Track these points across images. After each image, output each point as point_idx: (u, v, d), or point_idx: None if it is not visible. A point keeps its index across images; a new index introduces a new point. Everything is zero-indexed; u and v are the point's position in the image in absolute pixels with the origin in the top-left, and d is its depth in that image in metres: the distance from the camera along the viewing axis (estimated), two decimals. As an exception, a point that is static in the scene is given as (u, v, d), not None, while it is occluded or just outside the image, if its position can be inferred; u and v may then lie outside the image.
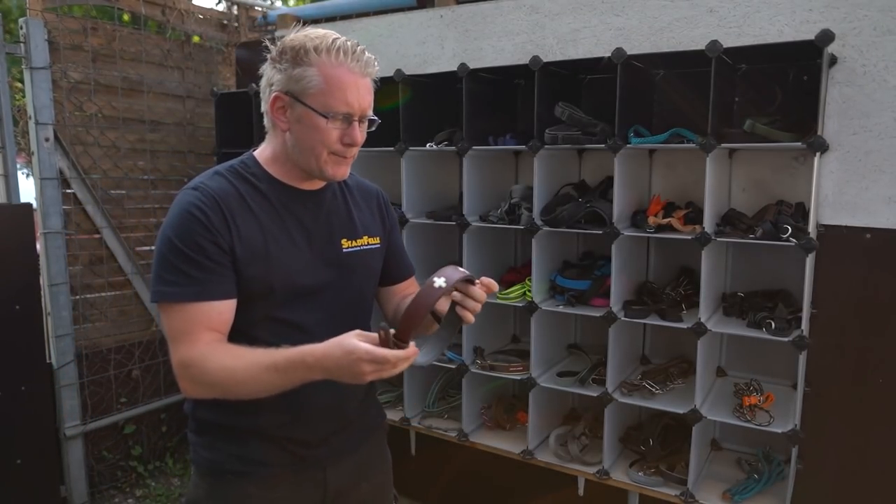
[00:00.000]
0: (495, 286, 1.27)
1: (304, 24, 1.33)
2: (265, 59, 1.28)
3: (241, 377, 1.18)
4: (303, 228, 1.33)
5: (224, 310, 1.23)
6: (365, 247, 1.41)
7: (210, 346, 1.21)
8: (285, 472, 1.35)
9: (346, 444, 1.41)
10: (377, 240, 1.44)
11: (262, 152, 1.35)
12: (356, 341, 1.11)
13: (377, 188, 1.55)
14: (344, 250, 1.37)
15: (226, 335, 1.25)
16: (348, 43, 1.24)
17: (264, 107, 1.29)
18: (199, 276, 1.20)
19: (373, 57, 1.27)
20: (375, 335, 1.12)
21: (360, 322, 1.38)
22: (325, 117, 1.22)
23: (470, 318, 1.26)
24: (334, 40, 1.22)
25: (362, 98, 1.25)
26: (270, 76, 1.26)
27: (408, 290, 1.56)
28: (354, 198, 1.45)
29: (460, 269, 1.20)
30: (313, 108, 1.22)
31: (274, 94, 1.25)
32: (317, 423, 1.34)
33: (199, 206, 1.22)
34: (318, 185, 1.37)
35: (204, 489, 1.36)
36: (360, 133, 1.27)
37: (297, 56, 1.22)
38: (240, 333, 1.26)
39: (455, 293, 1.24)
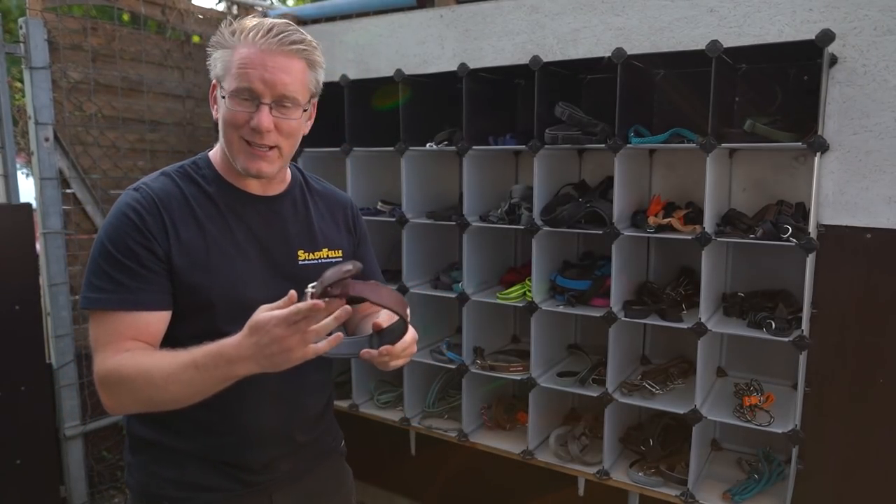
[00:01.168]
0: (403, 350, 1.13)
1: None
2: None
3: (159, 378, 1.06)
4: (253, 237, 1.23)
5: (153, 321, 1.14)
6: (324, 260, 1.31)
7: (126, 353, 1.10)
8: (227, 500, 1.25)
9: (294, 470, 1.32)
10: (339, 253, 1.34)
11: (214, 151, 1.27)
12: (262, 314, 1.00)
13: (348, 198, 1.46)
14: (300, 262, 1.27)
15: (155, 347, 1.15)
16: (270, 22, 1.15)
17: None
18: (129, 283, 1.12)
19: (303, 37, 1.17)
20: (281, 301, 1.00)
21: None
22: (225, 98, 1.14)
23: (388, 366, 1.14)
24: (256, 23, 1.15)
25: (270, 75, 1.12)
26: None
27: (373, 307, 1.42)
28: (318, 207, 1.36)
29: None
30: (222, 89, 1.15)
31: (212, 83, 1.20)
32: (262, 447, 1.25)
33: (135, 209, 1.15)
34: (273, 189, 1.28)
35: None
36: (268, 118, 1.14)
37: (218, 40, 1.17)
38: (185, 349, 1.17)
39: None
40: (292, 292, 1.00)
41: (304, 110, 1.21)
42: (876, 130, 1.86)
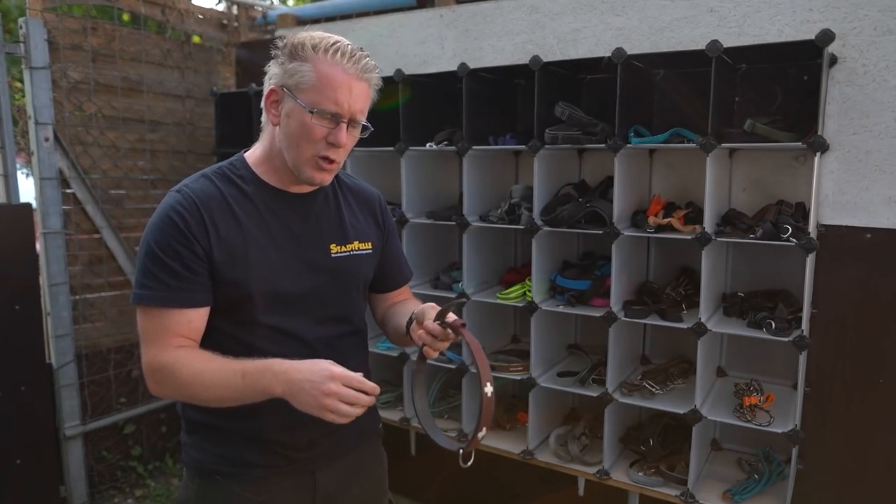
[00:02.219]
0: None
1: (303, 24, 1.34)
2: (271, 57, 1.27)
3: (209, 380, 1.19)
4: (289, 232, 1.31)
5: (194, 318, 1.24)
6: (355, 252, 1.39)
7: (180, 351, 1.22)
8: (273, 475, 1.35)
9: (335, 448, 1.40)
10: (369, 245, 1.43)
11: (252, 153, 1.35)
12: (330, 363, 1.15)
13: (377, 193, 1.53)
14: (332, 255, 1.35)
15: (197, 342, 1.26)
16: (349, 46, 1.23)
17: (262, 101, 1.29)
18: (172, 282, 1.21)
19: (374, 63, 1.26)
20: (352, 373, 1.16)
21: (348, 327, 1.40)
22: (312, 113, 1.20)
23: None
24: (335, 42, 1.22)
25: (353, 100, 1.22)
26: (271, 70, 1.27)
27: (400, 296, 1.56)
28: (349, 201, 1.44)
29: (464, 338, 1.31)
30: (302, 102, 1.21)
31: (270, 87, 1.25)
32: (304, 427, 1.31)
33: (178, 211, 1.23)
34: (307, 188, 1.35)
35: (193, 490, 1.37)
36: (346, 136, 1.24)
37: (295, 51, 1.22)
38: (228, 337, 1.27)
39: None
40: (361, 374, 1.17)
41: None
42: (876, 130, 1.86)
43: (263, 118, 1.31)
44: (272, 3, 3.69)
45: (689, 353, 2.18)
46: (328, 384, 1.12)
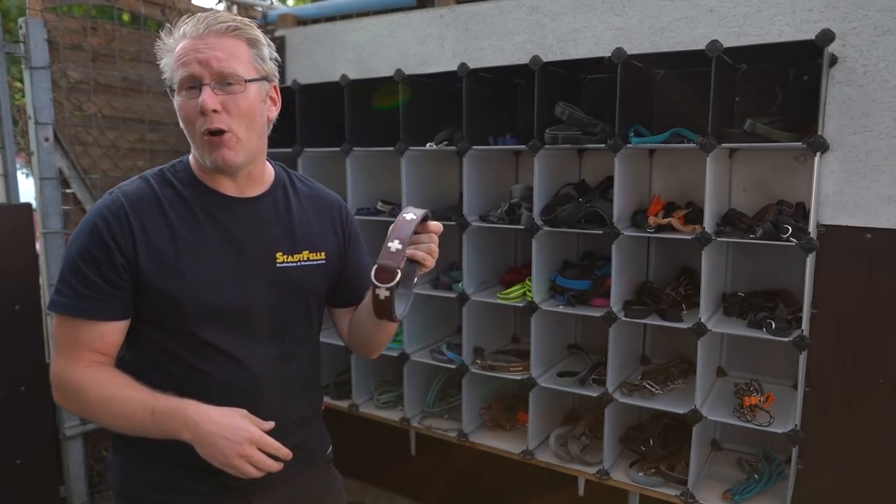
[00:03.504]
0: (440, 228, 1.23)
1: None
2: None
3: (116, 411, 1.13)
4: (228, 239, 1.21)
5: (107, 332, 1.16)
6: (304, 262, 1.28)
7: (91, 368, 1.15)
8: (204, 503, 1.25)
9: (274, 476, 1.22)
10: (321, 255, 1.31)
11: (193, 154, 1.25)
12: (248, 422, 1.11)
13: (338, 199, 1.42)
14: (278, 265, 1.25)
15: (112, 357, 1.19)
16: (203, 14, 1.15)
17: None
18: (86, 293, 1.14)
19: (232, 17, 1.15)
20: (264, 424, 1.13)
21: (293, 347, 1.29)
22: (172, 91, 1.14)
23: (431, 262, 1.20)
24: (190, 18, 1.15)
25: (203, 56, 1.11)
26: None
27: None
28: (303, 207, 1.32)
29: (417, 210, 1.18)
30: (168, 88, 1.16)
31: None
32: None
33: (104, 216, 1.15)
34: (251, 190, 1.25)
35: None
36: (211, 97, 1.11)
37: (161, 48, 1.18)
38: (164, 352, 1.20)
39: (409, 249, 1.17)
40: (270, 423, 1.13)
41: (255, 84, 1.17)
42: (876, 130, 1.86)
43: None
44: (272, 3, 3.69)
45: (690, 353, 2.18)
46: (244, 447, 1.08)
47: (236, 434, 1.08)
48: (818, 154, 1.83)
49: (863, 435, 1.97)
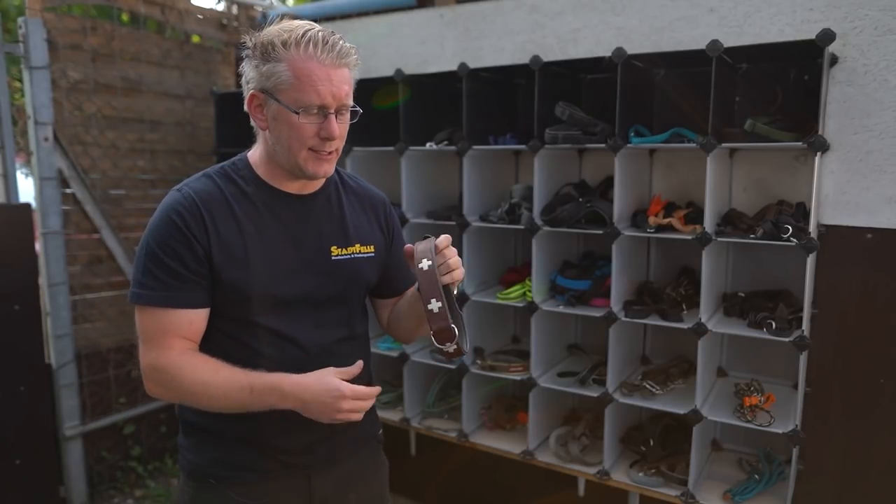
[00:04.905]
0: (449, 240, 1.27)
1: (286, 18, 1.31)
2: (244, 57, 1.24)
3: (215, 392, 1.19)
4: (288, 234, 1.29)
5: (195, 319, 1.23)
6: (356, 255, 1.36)
7: (184, 355, 1.21)
8: (268, 479, 1.33)
9: (333, 454, 1.38)
10: (371, 248, 1.40)
11: (253, 153, 1.33)
12: (338, 380, 1.18)
13: (383, 197, 1.51)
14: (333, 258, 1.33)
15: (197, 343, 1.25)
16: (319, 34, 1.19)
17: (246, 106, 1.26)
18: (172, 283, 1.20)
19: (348, 46, 1.23)
20: (350, 369, 1.21)
21: (347, 332, 1.38)
22: (297, 113, 1.18)
23: (460, 274, 1.27)
24: (304, 32, 1.18)
25: (336, 89, 1.20)
26: (247, 73, 1.24)
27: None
28: (353, 204, 1.41)
29: (426, 238, 1.24)
30: (286, 104, 1.18)
31: (250, 93, 1.23)
32: (302, 431, 1.31)
33: (178, 211, 1.22)
34: (310, 188, 1.33)
35: (189, 493, 1.35)
36: (337, 126, 1.22)
37: (266, 51, 1.19)
38: (225, 336, 1.27)
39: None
40: (360, 362, 1.25)
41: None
42: (876, 130, 1.86)
43: (253, 122, 1.29)
44: (272, 2, 3.69)
45: (690, 353, 2.18)
46: (340, 403, 1.16)
47: (329, 395, 1.16)
48: (819, 154, 1.83)
49: (863, 435, 1.97)
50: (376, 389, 1.22)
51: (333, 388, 1.16)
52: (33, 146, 2.67)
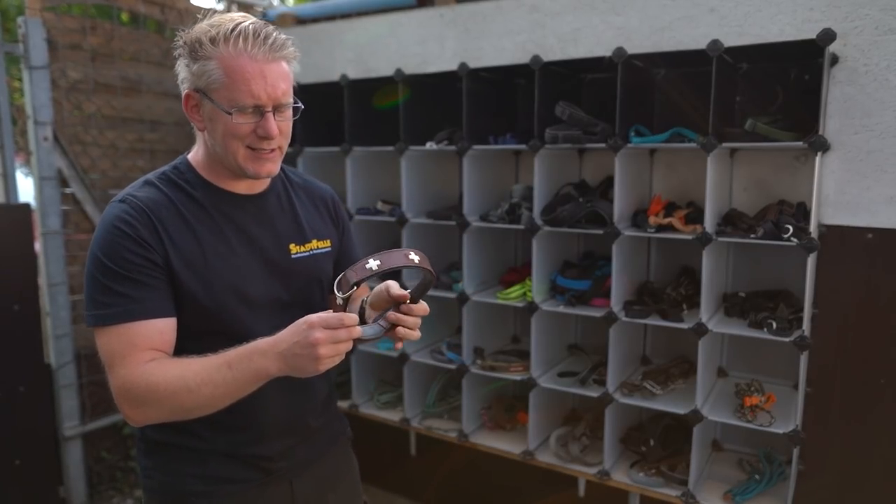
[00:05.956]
0: (427, 310, 1.20)
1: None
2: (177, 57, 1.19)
3: (193, 383, 1.08)
4: (245, 236, 1.24)
5: (165, 329, 1.15)
6: (315, 251, 1.34)
7: (153, 363, 1.12)
8: (251, 489, 1.29)
9: (310, 455, 1.38)
10: (327, 243, 1.37)
11: (195, 155, 1.27)
12: (310, 326, 1.05)
13: (328, 189, 1.47)
14: (293, 256, 1.30)
15: (169, 356, 1.16)
16: (250, 27, 1.12)
17: (182, 107, 1.21)
18: (135, 294, 1.11)
19: (283, 37, 1.15)
20: (325, 314, 1.08)
21: None
22: (230, 113, 1.12)
23: (412, 337, 1.19)
24: (234, 27, 1.12)
25: (271, 87, 1.12)
26: (180, 73, 1.18)
27: (360, 295, 1.48)
28: (302, 200, 1.37)
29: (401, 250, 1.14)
30: (219, 104, 1.12)
31: (185, 93, 1.18)
32: (279, 436, 1.29)
33: (126, 220, 1.13)
34: (258, 187, 1.29)
35: None
36: (275, 124, 1.15)
37: (195, 49, 1.13)
38: (185, 351, 1.17)
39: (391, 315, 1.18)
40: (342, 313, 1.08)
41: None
42: (877, 130, 1.86)
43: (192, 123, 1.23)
44: (271, 2, 3.68)
45: (690, 353, 2.18)
46: (313, 334, 1.03)
47: (301, 333, 1.05)
48: (819, 154, 1.83)
49: (864, 435, 1.96)
50: (352, 317, 1.06)
51: (301, 324, 1.06)
52: (33, 146, 2.67)
